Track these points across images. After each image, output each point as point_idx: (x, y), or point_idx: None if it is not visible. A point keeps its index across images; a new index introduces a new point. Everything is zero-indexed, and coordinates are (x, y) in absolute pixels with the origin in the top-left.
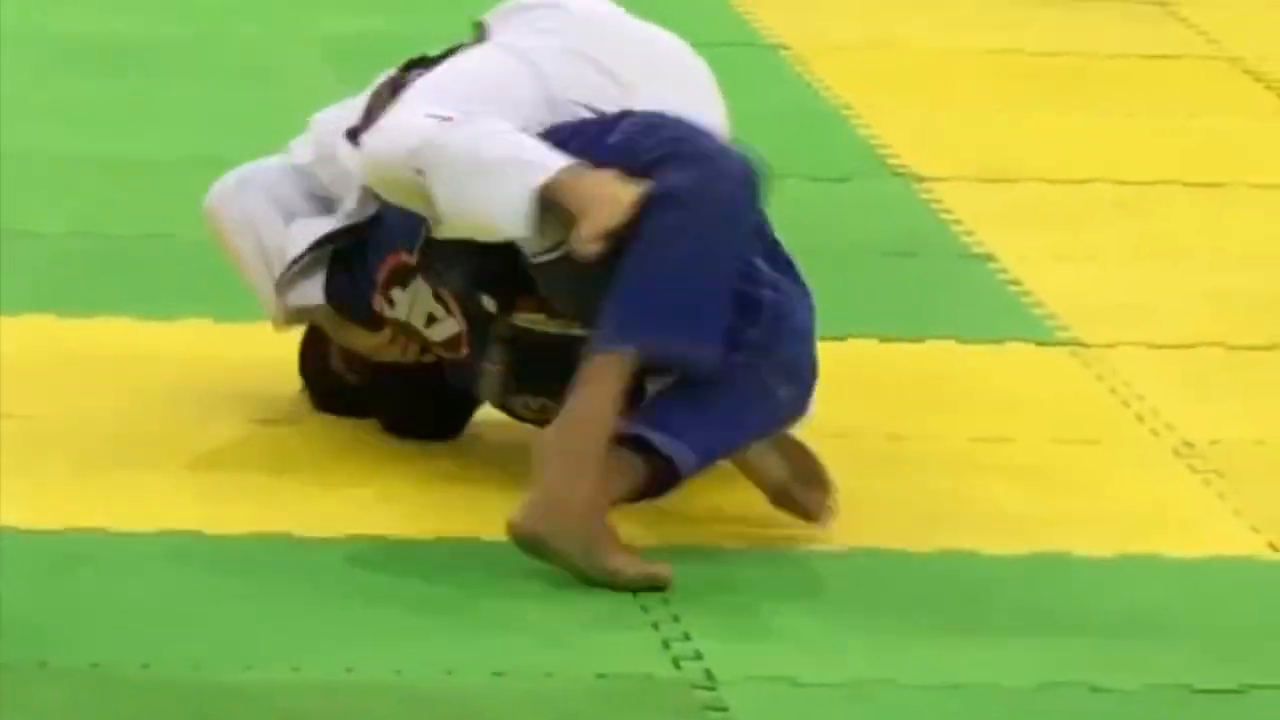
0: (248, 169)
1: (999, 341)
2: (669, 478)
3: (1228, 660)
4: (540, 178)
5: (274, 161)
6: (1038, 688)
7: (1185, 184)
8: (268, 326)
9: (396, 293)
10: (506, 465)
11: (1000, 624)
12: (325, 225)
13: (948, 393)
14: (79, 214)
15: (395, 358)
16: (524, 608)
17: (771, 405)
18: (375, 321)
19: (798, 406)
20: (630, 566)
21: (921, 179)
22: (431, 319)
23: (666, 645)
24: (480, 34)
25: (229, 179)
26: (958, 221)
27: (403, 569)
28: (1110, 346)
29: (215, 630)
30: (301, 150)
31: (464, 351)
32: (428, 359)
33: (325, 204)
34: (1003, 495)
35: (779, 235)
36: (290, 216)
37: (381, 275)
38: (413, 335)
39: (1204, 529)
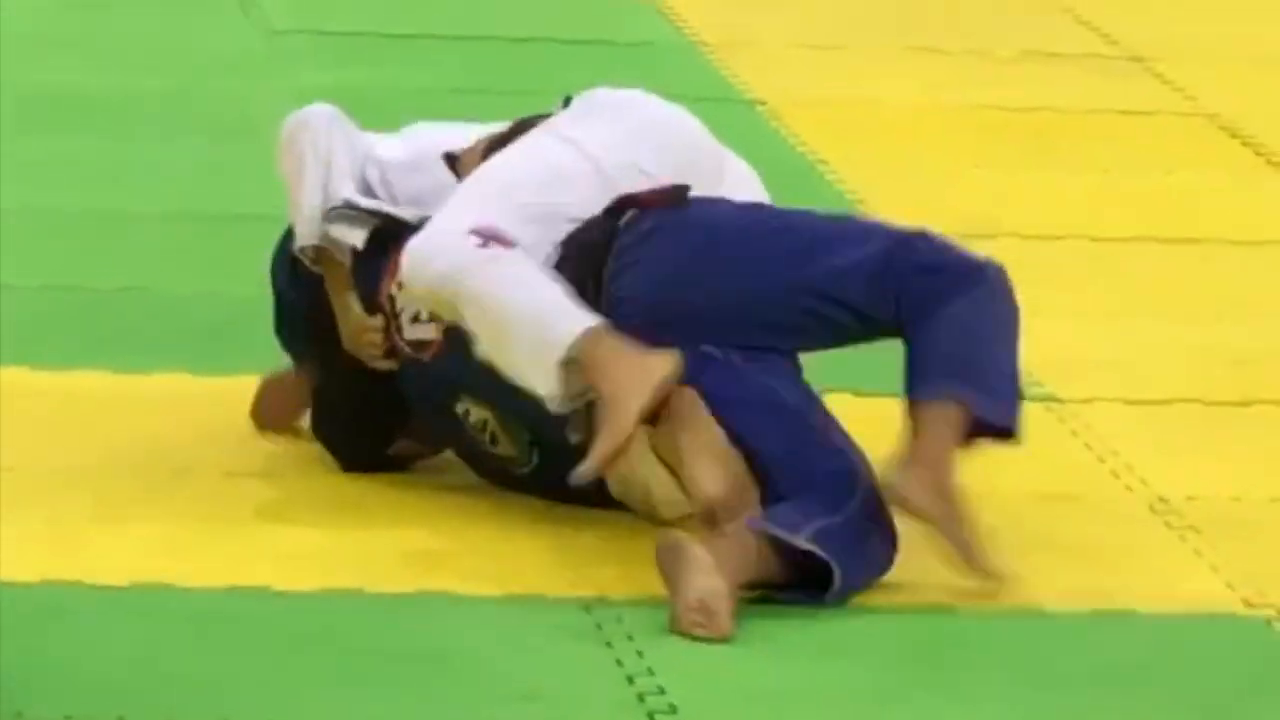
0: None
1: None
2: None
3: (1204, 717)
4: (558, 354)
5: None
6: None
7: (1161, 240)
8: (244, 380)
9: None
10: (484, 522)
11: (976, 679)
12: (386, 206)
13: None
14: (55, 267)
15: (368, 351)
16: (498, 662)
17: (876, 556)
18: (370, 308)
19: (890, 558)
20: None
21: None
22: (416, 318)
23: (641, 699)
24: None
25: (328, 108)
26: None
27: (377, 622)
28: (1086, 402)
29: (190, 683)
30: (389, 148)
31: (427, 356)
32: (383, 366)
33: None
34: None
35: None
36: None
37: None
38: (392, 330)
39: (1180, 585)
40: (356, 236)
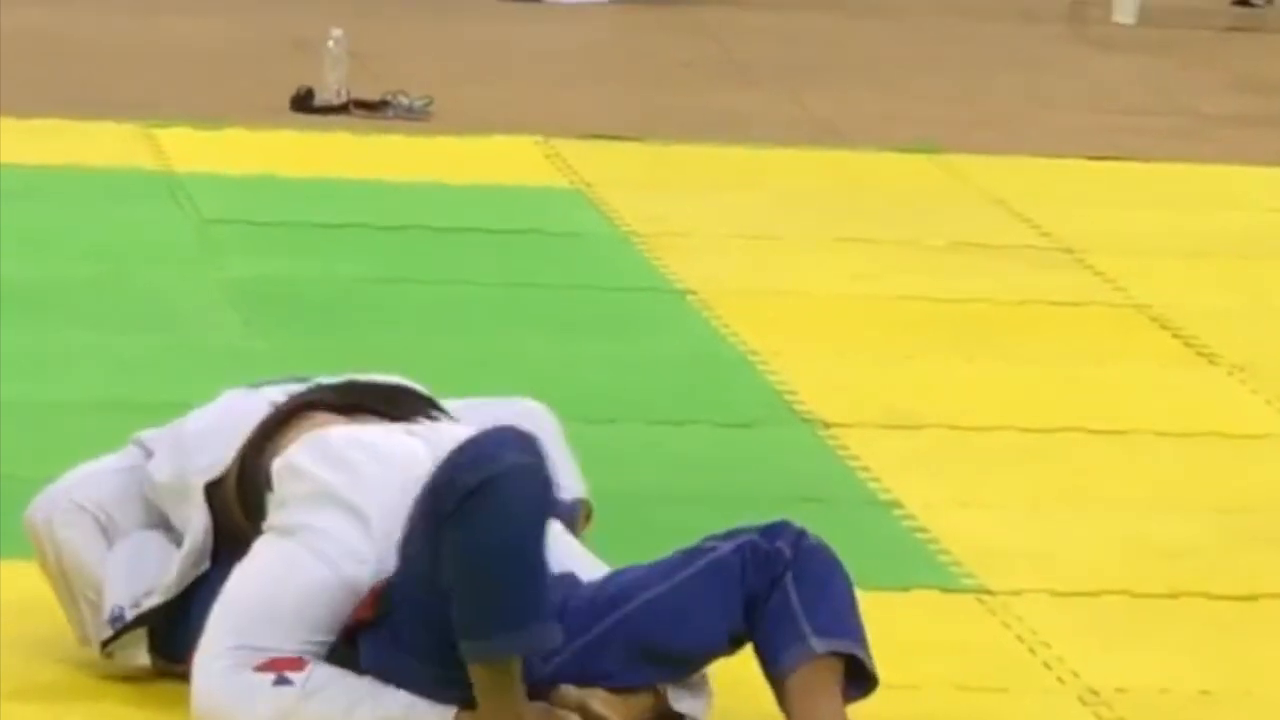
0: (81, 480)
1: (905, 588)
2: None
3: None
4: None
5: (114, 464)
6: None
7: (1090, 431)
8: None
9: None
10: None
11: None
12: (145, 579)
13: None
14: None
15: None
16: None
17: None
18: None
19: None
20: None
21: (828, 425)
22: None
23: None
24: (307, 397)
25: (57, 496)
26: (864, 468)
27: None
28: (1016, 593)
29: None
30: (161, 460)
31: None
32: None
33: (162, 517)
34: None
35: (687, 479)
36: (120, 533)
37: None
38: None
39: None
40: (140, 657)
